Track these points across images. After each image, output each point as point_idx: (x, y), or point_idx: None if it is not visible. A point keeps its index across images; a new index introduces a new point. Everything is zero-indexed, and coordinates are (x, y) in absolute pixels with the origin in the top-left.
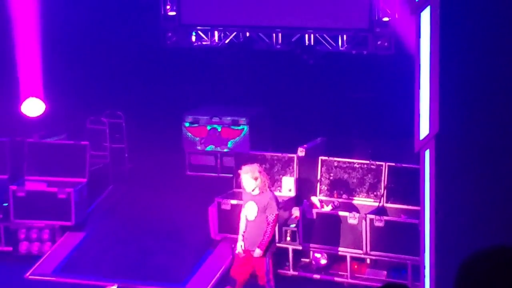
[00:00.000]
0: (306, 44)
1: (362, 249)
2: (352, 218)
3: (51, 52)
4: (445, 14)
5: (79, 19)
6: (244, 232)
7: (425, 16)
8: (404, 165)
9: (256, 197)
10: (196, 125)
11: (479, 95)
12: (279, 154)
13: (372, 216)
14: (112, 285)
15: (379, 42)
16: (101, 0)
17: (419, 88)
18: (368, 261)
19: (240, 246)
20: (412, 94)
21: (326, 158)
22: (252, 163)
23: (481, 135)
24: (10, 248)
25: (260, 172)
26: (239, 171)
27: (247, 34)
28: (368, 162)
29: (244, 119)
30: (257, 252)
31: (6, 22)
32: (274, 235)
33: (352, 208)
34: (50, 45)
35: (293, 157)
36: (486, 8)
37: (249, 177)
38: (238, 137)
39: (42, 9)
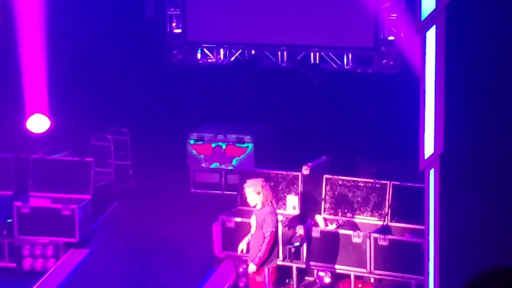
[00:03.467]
0: (312, 62)
1: (366, 268)
2: (356, 237)
3: (57, 69)
4: (450, 33)
5: (85, 36)
6: (249, 241)
7: (431, 35)
8: (408, 184)
9: (257, 211)
10: (200, 142)
11: (483, 115)
12: (284, 172)
13: (376, 235)
14: None
15: (384, 61)
16: (107, 17)
17: (424, 107)
18: (372, 280)
19: (240, 249)
20: (417, 113)
21: (330, 176)
22: (258, 178)
23: (486, 155)
24: (14, 265)
25: (263, 186)
26: (243, 185)
27: (253, 52)
28: (372, 180)
29: (249, 136)
30: (251, 267)
31: (12, 39)
32: (272, 252)
33: (356, 226)
34: (56, 61)
35: (298, 175)
36: (491, 27)
37: (252, 191)
38: (242, 155)
39: (48, 26)
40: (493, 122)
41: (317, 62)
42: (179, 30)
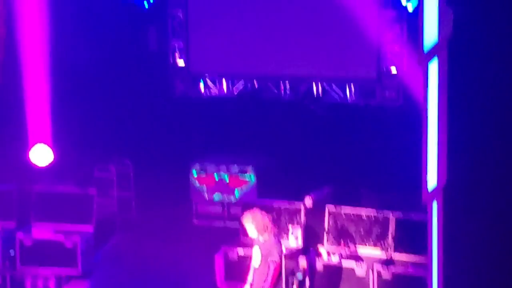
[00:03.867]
0: (314, 94)
1: None
2: (359, 270)
3: (60, 99)
4: (453, 65)
5: (88, 67)
6: (252, 282)
7: (433, 67)
8: (411, 215)
9: (261, 243)
10: (203, 173)
11: (487, 148)
12: (286, 203)
13: (380, 268)
14: None
15: (387, 93)
16: (111, 49)
17: (426, 140)
18: None
19: (249, 282)
20: (420, 145)
21: (333, 207)
22: (254, 210)
23: (489, 188)
24: None
25: (263, 218)
26: (242, 218)
27: (255, 83)
28: (375, 212)
29: (251, 168)
30: None
31: (16, 70)
32: (277, 285)
33: (359, 258)
34: (59, 92)
35: (300, 206)
36: (493, 60)
37: (251, 223)
38: (245, 186)
39: (52, 56)
40: (497, 155)
41: (320, 94)
42: (182, 62)
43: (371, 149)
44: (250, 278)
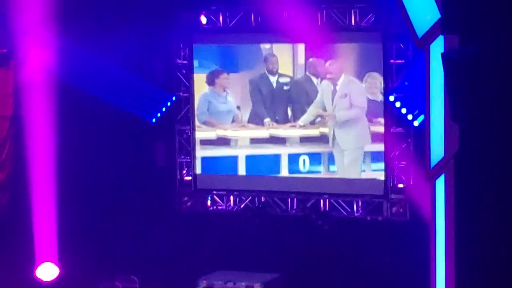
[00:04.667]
0: (321, 209)
1: None
2: None
3: (67, 215)
4: (459, 182)
5: (95, 182)
6: None
7: (440, 183)
8: None
9: None
10: None
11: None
12: None
13: None
14: None
15: (394, 209)
16: (119, 164)
17: (435, 256)
18: None
19: None
20: (427, 261)
21: None
22: None
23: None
24: None
25: None
26: None
27: (263, 199)
28: None
29: (259, 284)
30: None
31: (24, 189)
32: None
33: None
34: (66, 210)
35: None
36: (500, 177)
37: None
38: None
39: (59, 174)
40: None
41: (327, 209)
42: (189, 178)
43: (378, 264)
44: None
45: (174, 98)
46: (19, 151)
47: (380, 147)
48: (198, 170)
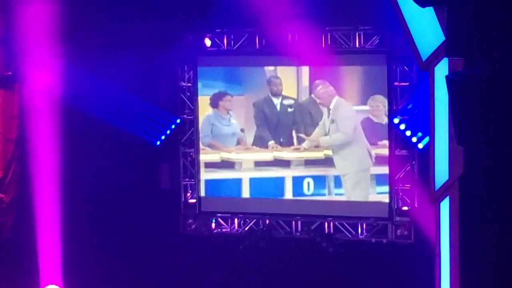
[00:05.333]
0: (326, 231)
1: None
2: None
3: (71, 238)
4: (464, 205)
5: (99, 204)
6: None
7: (445, 206)
8: None
9: None
10: None
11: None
12: None
13: None
14: None
15: (398, 231)
16: (123, 186)
17: (439, 279)
18: None
19: None
20: (432, 284)
21: None
22: None
23: None
24: None
25: None
26: None
27: (267, 221)
28: None
29: None
30: None
31: (28, 211)
32: None
33: None
34: (71, 231)
35: None
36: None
37: None
38: None
39: (64, 197)
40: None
41: (332, 231)
42: (193, 200)
43: (383, 287)
44: None
45: (178, 121)
46: (24, 173)
47: (384, 169)
48: (202, 193)
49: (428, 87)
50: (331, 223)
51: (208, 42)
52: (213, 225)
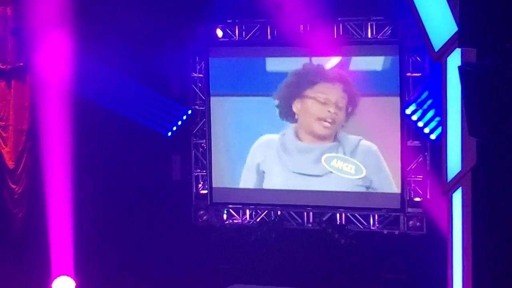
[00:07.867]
0: (338, 223)
1: None
2: None
3: (83, 229)
4: (477, 196)
5: (111, 198)
6: None
7: (457, 197)
8: None
9: None
10: None
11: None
12: None
13: None
14: None
15: (410, 222)
16: (135, 179)
17: (452, 270)
18: None
19: None
20: (445, 275)
21: None
22: None
23: None
24: None
25: None
26: None
27: (279, 212)
28: None
29: None
30: None
31: (40, 204)
32: None
33: None
34: (82, 222)
35: None
36: None
37: None
38: None
39: (76, 190)
40: None
41: (343, 222)
42: (205, 191)
43: (395, 278)
44: None
45: (190, 112)
46: (35, 164)
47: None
48: (214, 184)
49: (441, 78)
50: (343, 214)
51: (219, 33)
52: (225, 216)
